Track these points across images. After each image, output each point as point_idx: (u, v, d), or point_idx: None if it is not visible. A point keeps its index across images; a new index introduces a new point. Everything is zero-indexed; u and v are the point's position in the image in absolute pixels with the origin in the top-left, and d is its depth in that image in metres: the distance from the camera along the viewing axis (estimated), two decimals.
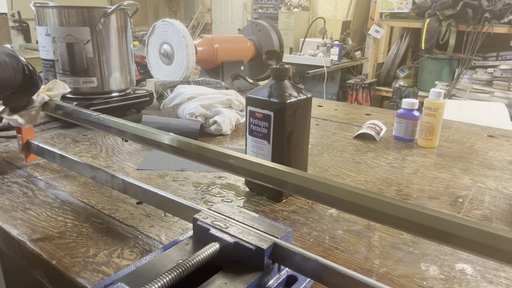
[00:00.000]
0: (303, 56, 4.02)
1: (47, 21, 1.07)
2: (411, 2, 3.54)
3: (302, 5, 5.29)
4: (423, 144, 1.04)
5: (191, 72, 1.43)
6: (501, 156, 0.99)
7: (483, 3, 3.12)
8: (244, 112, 1.15)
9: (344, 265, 0.44)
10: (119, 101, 1.20)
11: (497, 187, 0.81)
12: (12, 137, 1.01)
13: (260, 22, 1.76)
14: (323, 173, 0.87)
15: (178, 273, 0.41)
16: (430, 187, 0.81)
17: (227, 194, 0.75)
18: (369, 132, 1.09)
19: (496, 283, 0.52)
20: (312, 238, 0.61)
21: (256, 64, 1.83)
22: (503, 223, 0.67)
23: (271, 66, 0.70)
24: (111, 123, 0.63)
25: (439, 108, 1.01)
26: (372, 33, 3.78)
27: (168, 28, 1.41)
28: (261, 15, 6.06)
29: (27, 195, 0.72)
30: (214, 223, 0.50)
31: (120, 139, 1.03)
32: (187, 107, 1.11)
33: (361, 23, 4.77)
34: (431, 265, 0.55)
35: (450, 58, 3.45)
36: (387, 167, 0.91)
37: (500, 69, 3.24)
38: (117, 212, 0.67)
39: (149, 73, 1.60)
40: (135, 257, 0.55)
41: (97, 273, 0.52)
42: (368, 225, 0.65)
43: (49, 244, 0.58)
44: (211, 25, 7.20)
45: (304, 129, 0.73)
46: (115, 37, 1.14)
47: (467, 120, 1.41)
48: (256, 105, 0.70)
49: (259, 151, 0.71)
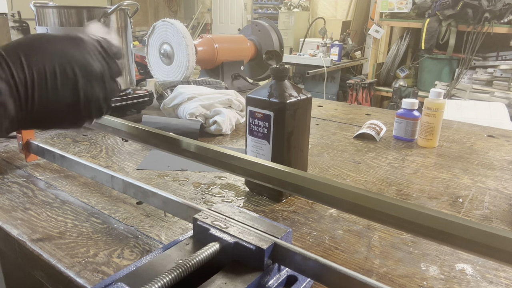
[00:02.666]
0: (303, 56, 4.01)
1: (47, 21, 1.07)
2: (411, 2, 3.54)
3: (302, 5, 5.29)
4: (423, 144, 1.04)
5: (191, 72, 1.43)
6: (501, 156, 0.99)
7: (483, 3, 3.12)
8: (244, 112, 1.14)
9: (344, 265, 0.44)
10: (119, 101, 1.20)
11: (497, 187, 0.81)
12: (12, 137, 1.01)
13: (260, 22, 1.76)
14: (323, 173, 0.87)
15: (178, 273, 0.41)
16: (430, 187, 0.81)
17: (227, 194, 0.75)
18: (369, 132, 1.09)
19: (496, 283, 0.52)
20: (312, 238, 0.61)
21: (256, 64, 1.83)
22: (503, 223, 0.67)
23: (271, 66, 0.70)
24: (111, 123, 0.63)
25: (439, 108, 1.01)
26: (372, 33, 3.77)
27: (168, 28, 1.41)
28: (261, 15, 6.06)
29: (27, 195, 0.72)
30: (214, 223, 0.50)
31: (120, 139, 1.03)
32: (187, 107, 1.11)
33: (361, 23, 4.77)
34: (431, 265, 0.55)
35: (450, 58, 3.45)
36: (387, 167, 0.91)
37: (500, 69, 3.23)
38: (117, 212, 0.67)
39: (149, 73, 1.60)
40: (135, 257, 0.55)
41: (97, 273, 0.52)
42: (368, 225, 0.65)
43: (49, 244, 0.58)
44: (211, 25, 7.20)
45: (304, 129, 0.73)
46: (115, 37, 1.14)
47: (467, 120, 1.41)
48: (256, 105, 0.70)
49: (259, 151, 0.71)
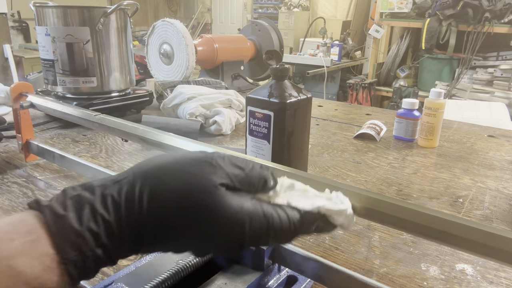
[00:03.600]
0: (303, 56, 4.01)
1: (47, 21, 1.07)
2: (411, 2, 3.54)
3: (302, 5, 5.28)
4: (423, 144, 1.04)
5: (191, 72, 1.43)
6: (501, 156, 0.99)
7: (484, 3, 3.12)
8: (244, 112, 1.14)
9: (344, 265, 0.44)
10: (119, 101, 1.20)
11: (497, 187, 0.81)
12: (12, 137, 1.01)
13: (260, 22, 1.76)
14: (323, 173, 0.87)
15: (178, 273, 0.41)
16: (431, 187, 0.80)
17: None
18: (369, 132, 1.09)
19: (497, 283, 0.52)
20: (312, 238, 0.61)
21: (256, 64, 1.83)
22: (504, 223, 0.67)
23: (271, 66, 0.69)
24: (111, 123, 0.63)
25: (439, 108, 1.01)
26: (372, 33, 3.77)
27: (168, 28, 1.41)
28: (261, 15, 6.06)
29: (27, 195, 0.72)
30: None
31: (120, 139, 1.03)
32: (187, 107, 1.11)
33: (361, 23, 4.77)
34: (431, 265, 0.55)
35: (450, 58, 3.45)
36: (387, 167, 0.91)
37: (500, 69, 3.23)
38: None
39: (149, 73, 1.60)
40: (135, 257, 0.55)
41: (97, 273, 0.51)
42: (368, 225, 0.65)
43: None
44: (211, 25, 7.20)
45: (304, 129, 0.73)
46: (115, 37, 1.14)
47: (467, 120, 1.41)
48: (256, 105, 0.69)
49: (259, 151, 0.71)
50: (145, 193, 0.30)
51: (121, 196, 0.30)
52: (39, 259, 0.26)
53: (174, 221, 0.30)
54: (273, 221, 0.32)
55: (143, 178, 0.31)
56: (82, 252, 0.28)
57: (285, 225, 0.33)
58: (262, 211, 0.32)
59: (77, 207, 0.29)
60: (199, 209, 0.30)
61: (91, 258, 0.28)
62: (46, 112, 0.78)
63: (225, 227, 0.31)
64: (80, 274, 0.28)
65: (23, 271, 0.25)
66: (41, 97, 0.79)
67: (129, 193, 0.30)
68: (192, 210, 0.30)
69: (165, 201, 0.30)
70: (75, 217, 0.28)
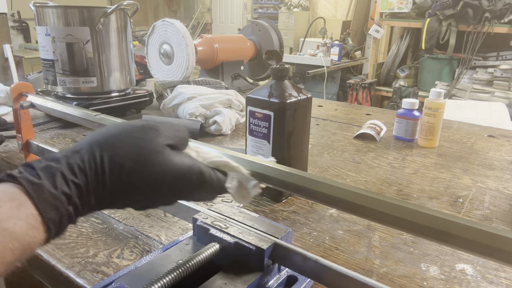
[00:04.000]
0: (303, 56, 4.01)
1: (47, 21, 1.07)
2: (411, 2, 3.54)
3: (302, 5, 5.28)
4: (423, 144, 1.04)
5: (191, 72, 1.43)
6: (501, 156, 0.99)
7: (484, 3, 3.12)
8: (244, 112, 1.14)
9: (344, 265, 0.44)
10: (119, 101, 1.20)
11: (497, 187, 0.81)
12: (12, 137, 1.01)
13: (260, 22, 1.76)
14: (323, 173, 0.87)
15: (178, 273, 0.41)
16: (431, 187, 0.80)
17: (227, 194, 0.75)
18: (369, 132, 1.09)
19: (497, 283, 0.52)
20: (312, 238, 0.61)
21: (256, 64, 1.83)
22: (504, 223, 0.67)
23: (271, 66, 0.69)
24: (111, 123, 0.63)
25: (439, 108, 1.01)
26: (372, 33, 3.77)
27: (168, 28, 1.41)
28: (261, 15, 6.06)
29: None
30: (214, 223, 0.50)
31: None
32: (187, 107, 1.11)
33: (361, 23, 4.77)
34: (431, 265, 0.55)
35: (450, 58, 3.45)
36: (387, 167, 0.91)
37: (500, 69, 3.23)
38: (116, 212, 0.67)
39: (149, 73, 1.60)
40: (135, 257, 0.55)
41: (97, 273, 0.51)
42: (368, 225, 0.65)
43: (48, 244, 0.57)
44: (211, 25, 7.19)
45: (304, 129, 0.73)
46: (115, 37, 1.14)
47: (467, 120, 1.41)
48: (256, 105, 0.69)
49: (259, 151, 0.71)
50: (105, 157, 0.35)
51: (84, 163, 0.35)
52: (26, 220, 0.31)
53: (133, 178, 0.36)
54: (206, 175, 0.40)
55: (100, 146, 0.36)
56: (59, 211, 0.33)
57: (215, 181, 0.42)
58: (198, 167, 0.40)
59: (49, 175, 0.33)
60: (152, 166, 0.36)
61: (66, 216, 0.33)
62: (46, 112, 0.78)
63: (172, 179, 0.37)
64: (57, 231, 0.34)
65: (14, 231, 0.30)
66: (41, 97, 0.79)
67: (91, 159, 0.35)
68: (147, 167, 0.36)
69: (123, 162, 0.36)
70: (50, 183, 0.33)
